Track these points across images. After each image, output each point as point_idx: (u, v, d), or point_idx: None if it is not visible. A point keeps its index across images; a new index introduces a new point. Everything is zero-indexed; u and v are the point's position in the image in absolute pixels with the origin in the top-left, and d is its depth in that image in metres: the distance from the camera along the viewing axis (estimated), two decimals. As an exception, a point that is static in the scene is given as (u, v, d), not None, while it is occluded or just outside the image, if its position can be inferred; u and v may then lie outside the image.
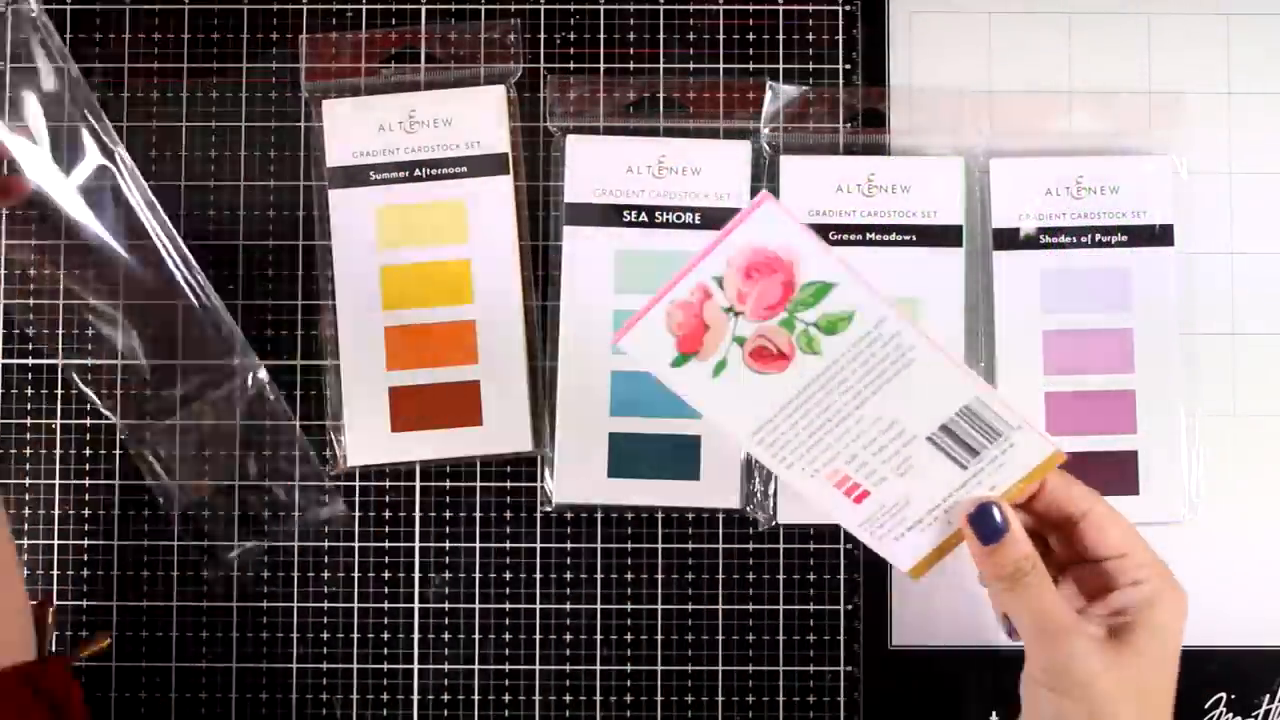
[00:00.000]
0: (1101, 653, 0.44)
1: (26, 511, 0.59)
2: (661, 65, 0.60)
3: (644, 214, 0.59)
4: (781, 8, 0.61)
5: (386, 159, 0.59)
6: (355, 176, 0.59)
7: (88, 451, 0.59)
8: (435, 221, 0.58)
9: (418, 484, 0.59)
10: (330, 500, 0.59)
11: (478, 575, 0.59)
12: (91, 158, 0.58)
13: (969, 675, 0.58)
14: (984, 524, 0.45)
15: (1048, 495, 0.47)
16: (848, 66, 0.61)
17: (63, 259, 0.59)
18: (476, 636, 0.59)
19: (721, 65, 0.60)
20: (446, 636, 0.59)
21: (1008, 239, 0.59)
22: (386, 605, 0.59)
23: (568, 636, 0.59)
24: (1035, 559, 0.45)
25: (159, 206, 0.59)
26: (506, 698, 0.59)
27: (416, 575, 0.59)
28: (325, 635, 0.59)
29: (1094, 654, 0.44)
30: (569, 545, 0.59)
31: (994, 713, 0.58)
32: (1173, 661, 0.46)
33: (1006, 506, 0.45)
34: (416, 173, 0.59)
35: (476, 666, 0.59)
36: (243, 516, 0.59)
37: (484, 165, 0.59)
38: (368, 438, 0.58)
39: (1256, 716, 0.58)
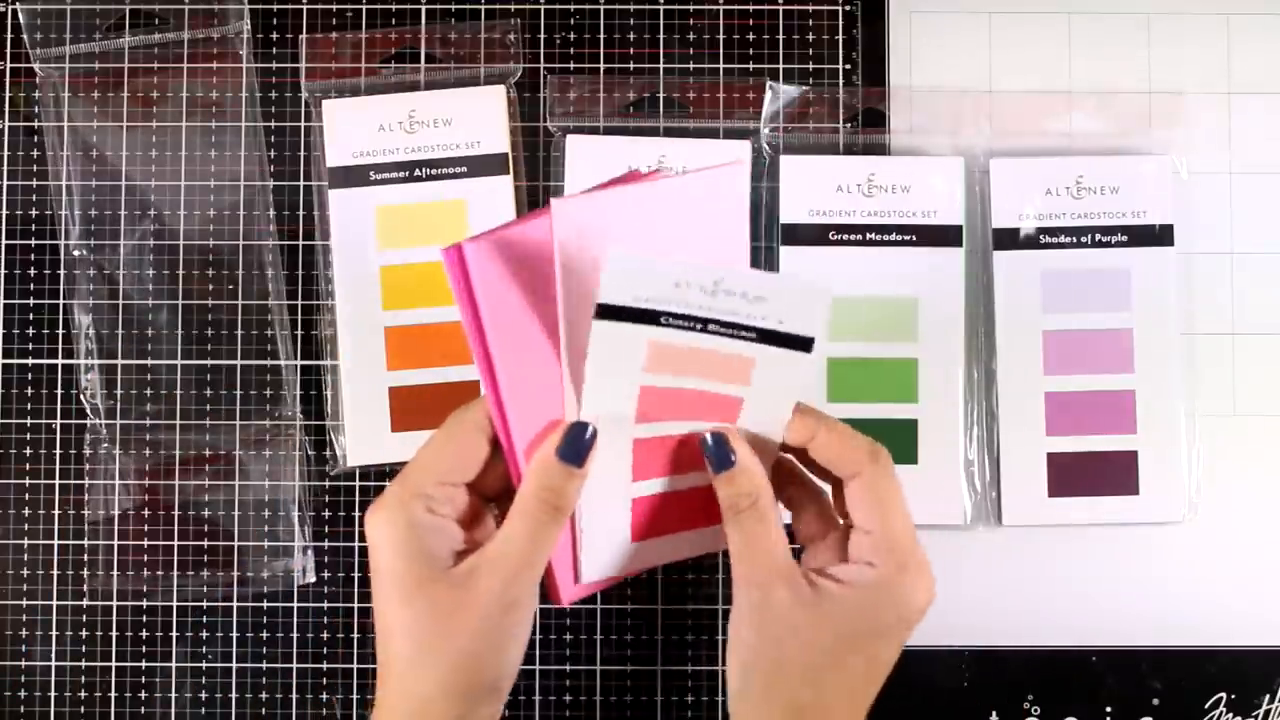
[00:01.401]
0: (795, 613, 0.42)
1: (27, 511, 0.59)
2: (661, 65, 0.60)
3: (644, 214, 0.59)
4: (781, 8, 0.61)
5: (386, 159, 0.59)
6: (355, 176, 0.59)
7: (87, 451, 0.59)
8: (435, 221, 0.58)
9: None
10: (299, 557, 0.59)
11: (478, 575, 0.59)
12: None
13: (969, 675, 0.58)
14: (716, 452, 0.43)
15: (819, 451, 0.44)
16: (848, 66, 0.61)
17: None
18: (476, 636, 0.59)
19: (721, 65, 0.60)
20: (446, 636, 0.59)
21: (1008, 239, 0.59)
22: (386, 605, 0.59)
23: (568, 636, 0.59)
24: (758, 497, 0.43)
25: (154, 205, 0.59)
26: (507, 697, 0.58)
27: (416, 575, 0.59)
28: (325, 635, 0.59)
29: (788, 610, 0.42)
30: (569, 545, 0.59)
31: (994, 712, 0.58)
32: (879, 646, 0.44)
33: (739, 440, 0.43)
34: (416, 173, 0.59)
35: (476, 666, 0.59)
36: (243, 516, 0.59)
37: (484, 165, 0.59)
38: (368, 438, 0.58)
39: (1256, 716, 0.58)
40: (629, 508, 0.45)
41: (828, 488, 0.46)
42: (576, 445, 0.42)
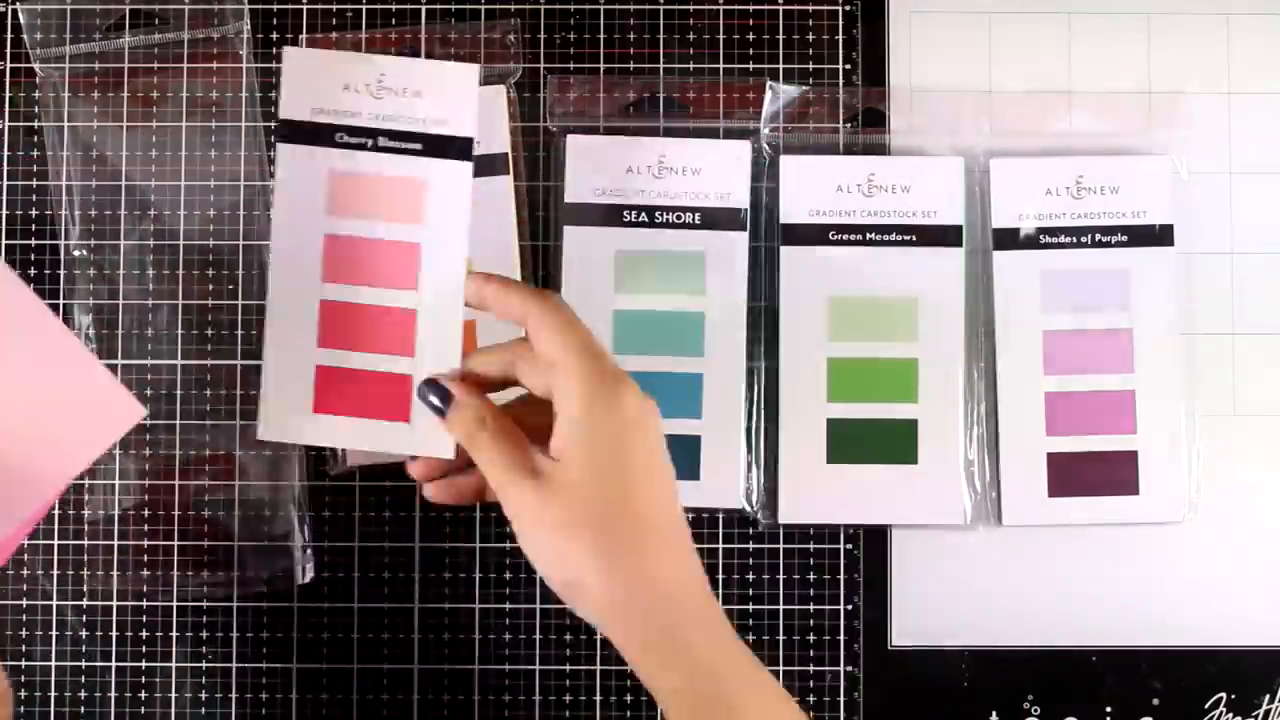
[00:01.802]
0: (564, 496, 0.43)
1: (26, 511, 0.59)
2: (661, 65, 0.60)
3: (644, 214, 0.59)
4: (781, 8, 0.61)
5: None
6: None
7: (88, 451, 0.59)
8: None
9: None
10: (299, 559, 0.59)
11: (478, 575, 0.59)
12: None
13: (969, 675, 0.58)
14: (432, 399, 0.47)
15: (495, 306, 0.47)
16: (848, 66, 0.61)
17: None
18: (476, 636, 0.59)
19: (721, 65, 0.60)
20: (447, 636, 0.59)
21: (1008, 239, 0.59)
22: (386, 605, 0.59)
23: (568, 636, 0.59)
24: (485, 416, 0.45)
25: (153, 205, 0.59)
26: (506, 698, 0.59)
27: (416, 575, 0.59)
28: (325, 635, 0.59)
29: (526, 500, 0.43)
30: (569, 545, 0.59)
31: (994, 712, 0.58)
32: (642, 480, 0.44)
33: (445, 377, 0.48)
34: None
35: (476, 666, 0.59)
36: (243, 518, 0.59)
37: (484, 165, 0.59)
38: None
39: (1256, 716, 0.58)
40: (312, 375, 0.50)
41: None
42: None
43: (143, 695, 0.59)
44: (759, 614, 0.59)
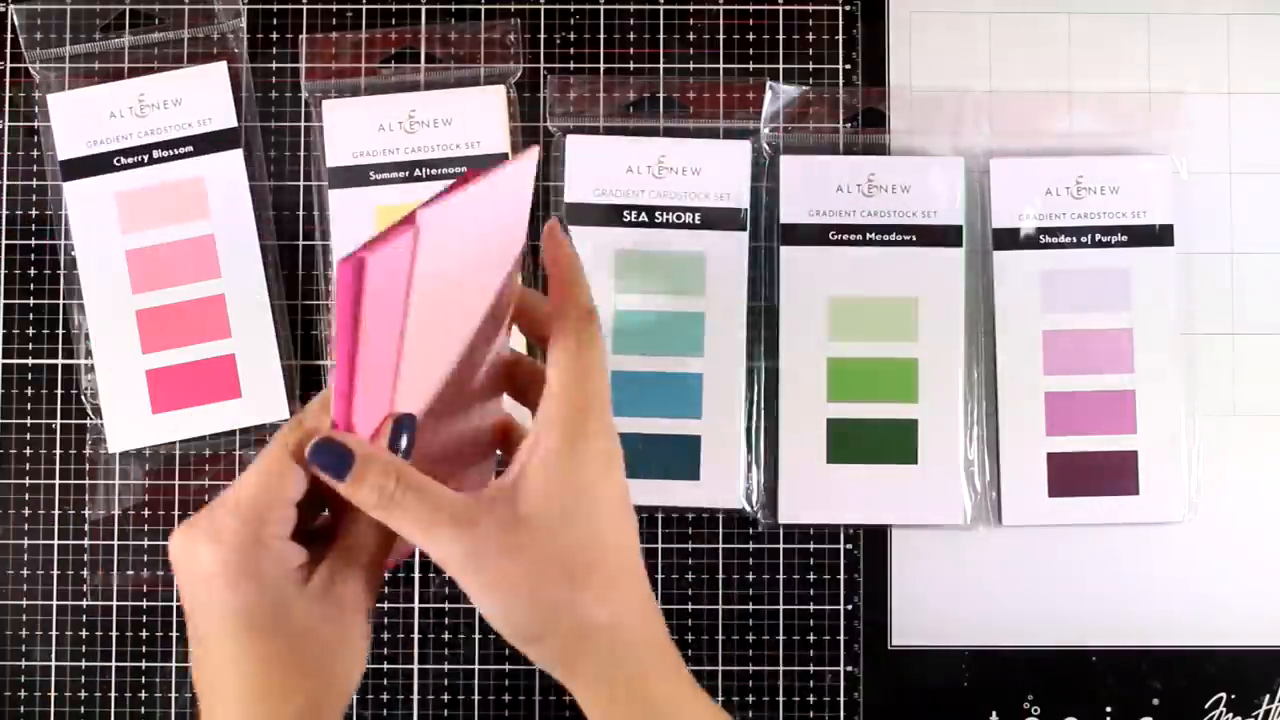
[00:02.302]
0: (508, 537, 0.38)
1: (27, 511, 0.59)
2: (661, 65, 0.60)
3: (644, 214, 0.59)
4: (781, 8, 0.61)
5: (386, 159, 0.59)
6: (355, 176, 0.59)
7: (87, 451, 0.59)
8: (435, 221, 0.58)
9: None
10: None
11: (478, 575, 0.59)
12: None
13: (969, 675, 0.58)
14: (330, 459, 0.38)
15: (522, 313, 0.43)
16: (848, 66, 0.61)
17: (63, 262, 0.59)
18: (477, 636, 0.59)
19: (721, 65, 0.60)
20: (446, 636, 0.59)
21: (1008, 239, 0.59)
22: (386, 605, 0.59)
23: (568, 636, 0.59)
24: (398, 470, 0.38)
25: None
26: (506, 698, 0.59)
27: (416, 575, 0.59)
28: (325, 635, 0.59)
29: (500, 541, 0.38)
30: (569, 545, 0.59)
31: (994, 712, 0.58)
32: (605, 519, 0.40)
33: (344, 434, 0.38)
34: (416, 173, 0.59)
35: (477, 666, 0.59)
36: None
37: (484, 165, 0.59)
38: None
39: (1256, 716, 0.58)
40: (144, 381, 0.55)
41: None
42: (398, 437, 0.39)
43: (143, 695, 0.59)
44: (759, 614, 0.59)
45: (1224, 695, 0.58)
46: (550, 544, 0.39)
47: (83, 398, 0.59)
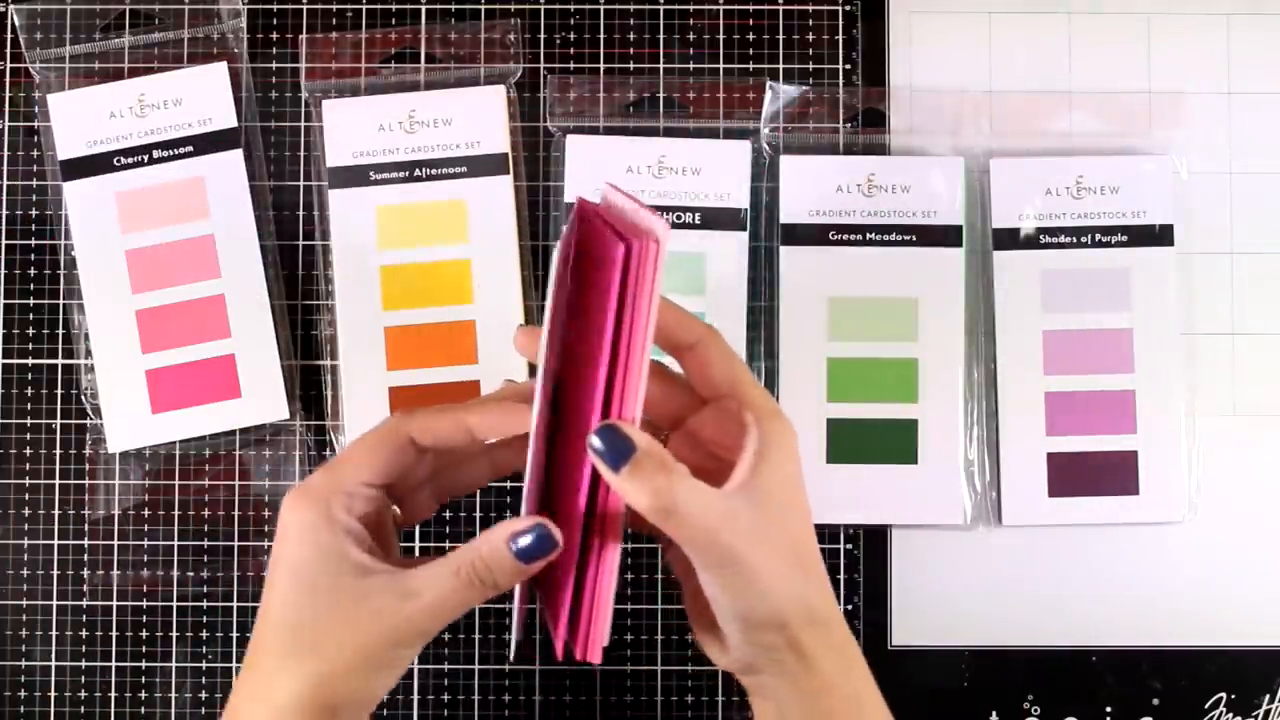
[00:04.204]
0: (750, 529, 0.39)
1: (27, 511, 0.59)
2: (661, 65, 0.60)
3: (644, 214, 0.59)
4: (781, 8, 0.61)
5: (386, 159, 0.59)
6: (355, 176, 0.59)
7: (87, 451, 0.59)
8: (435, 221, 0.58)
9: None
10: None
11: (478, 575, 0.59)
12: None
13: (969, 675, 0.58)
14: (611, 448, 0.38)
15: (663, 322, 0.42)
16: (848, 66, 0.61)
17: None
18: (476, 636, 0.59)
19: (721, 65, 0.60)
20: (446, 636, 0.59)
21: (1008, 239, 0.59)
22: (386, 605, 0.59)
23: (568, 636, 0.59)
24: (671, 467, 0.38)
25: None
26: (506, 698, 0.59)
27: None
28: (325, 635, 0.59)
29: (745, 533, 0.39)
30: (569, 545, 0.59)
31: (994, 713, 0.58)
32: (804, 507, 0.41)
33: (626, 424, 0.38)
34: (416, 173, 0.59)
35: (476, 666, 0.59)
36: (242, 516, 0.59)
37: (484, 165, 0.59)
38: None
39: (1256, 716, 0.58)
40: (144, 381, 0.56)
41: None
42: (534, 547, 0.40)
43: (143, 695, 0.59)
44: (759, 614, 0.59)
45: (1224, 695, 0.58)
46: (785, 534, 0.40)
47: (83, 398, 0.59)
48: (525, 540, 0.40)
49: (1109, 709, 0.58)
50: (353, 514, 0.41)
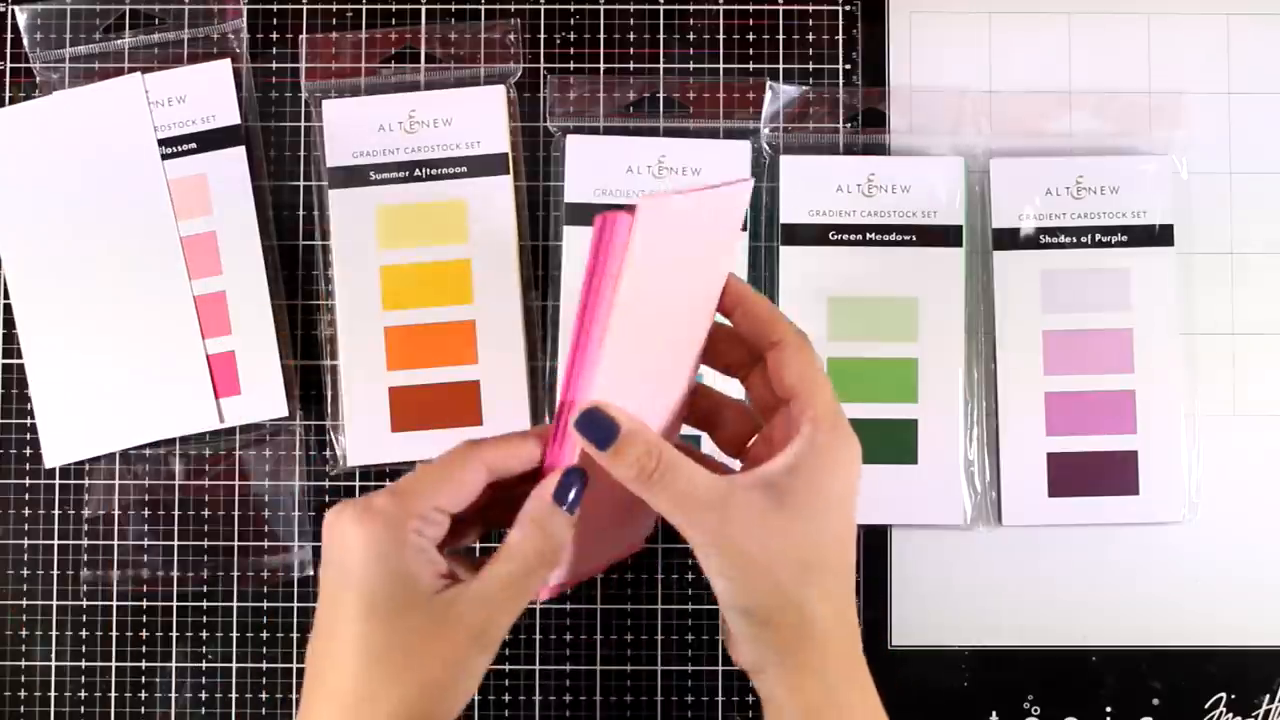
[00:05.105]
0: (758, 521, 0.40)
1: (27, 511, 0.59)
2: (661, 65, 0.60)
3: (644, 214, 0.59)
4: (781, 8, 0.61)
5: (386, 159, 0.59)
6: (355, 176, 0.59)
7: (88, 451, 0.59)
8: (435, 221, 0.58)
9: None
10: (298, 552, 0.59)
11: (478, 575, 0.59)
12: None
13: (969, 675, 0.58)
14: (593, 430, 0.40)
15: (748, 308, 0.44)
16: (848, 66, 0.61)
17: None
18: (476, 636, 0.59)
19: (721, 65, 0.60)
20: (446, 636, 0.59)
21: (1008, 239, 0.59)
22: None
23: (568, 636, 0.59)
24: (661, 450, 0.40)
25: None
26: (507, 698, 0.59)
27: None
28: (325, 635, 0.59)
29: (749, 522, 0.40)
30: (569, 545, 0.59)
31: (994, 713, 0.58)
32: (841, 521, 0.42)
33: (612, 406, 0.40)
34: (416, 173, 0.59)
35: (476, 666, 0.59)
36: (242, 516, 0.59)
37: (484, 165, 0.59)
38: (368, 438, 0.58)
39: (1256, 716, 0.58)
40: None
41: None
42: (576, 493, 0.41)
43: (143, 695, 0.59)
44: (759, 614, 0.59)
45: (1224, 695, 0.58)
46: (796, 535, 0.41)
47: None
48: (571, 494, 0.41)
49: (1109, 709, 0.58)
50: (425, 538, 0.40)
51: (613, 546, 0.48)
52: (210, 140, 0.59)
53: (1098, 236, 0.59)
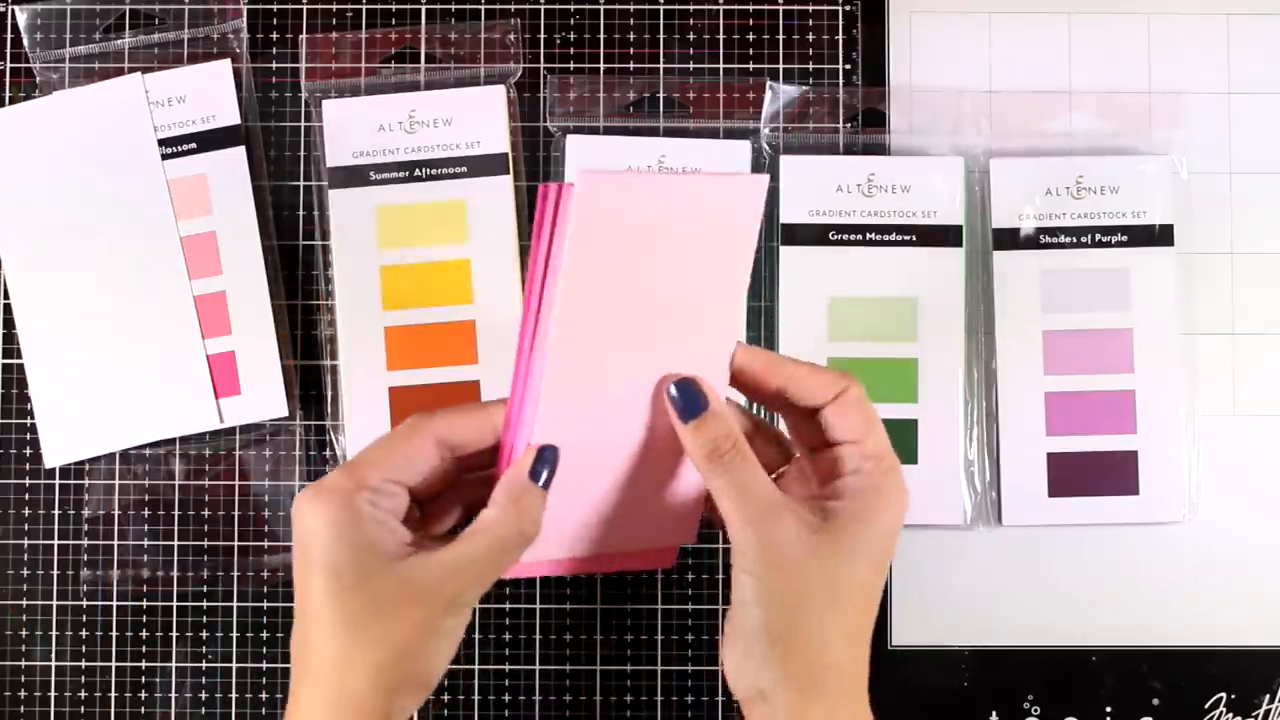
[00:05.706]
0: (805, 538, 0.41)
1: (27, 511, 0.59)
2: (661, 65, 0.60)
3: (644, 214, 0.59)
4: (781, 8, 0.61)
5: (386, 159, 0.59)
6: (355, 176, 0.59)
7: (88, 451, 0.59)
8: (435, 221, 0.58)
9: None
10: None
11: (478, 575, 0.59)
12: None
13: (969, 675, 0.58)
14: (684, 399, 0.42)
15: (799, 381, 0.45)
16: (848, 66, 0.61)
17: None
18: (476, 636, 0.59)
19: (721, 65, 0.60)
20: (446, 636, 0.59)
21: (1008, 239, 0.59)
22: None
23: (568, 636, 0.59)
24: (737, 438, 0.42)
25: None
26: (506, 698, 0.59)
27: (416, 575, 0.59)
28: (325, 635, 0.59)
29: (797, 538, 0.41)
30: (569, 545, 0.59)
31: (994, 713, 0.58)
32: (879, 560, 0.43)
33: (706, 384, 0.43)
34: (416, 173, 0.59)
35: (476, 666, 0.59)
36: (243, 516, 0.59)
37: (484, 165, 0.59)
38: (368, 437, 0.58)
39: (1256, 716, 0.58)
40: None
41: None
42: (550, 468, 0.42)
43: (143, 695, 0.59)
44: (759, 614, 0.59)
45: (1224, 695, 0.58)
46: (836, 562, 0.41)
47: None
48: (544, 471, 0.42)
49: (1109, 709, 0.58)
50: (380, 509, 0.41)
51: (627, 538, 0.47)
52: (210, 140, 0.59)
53: (1098, 236, 0.59)
